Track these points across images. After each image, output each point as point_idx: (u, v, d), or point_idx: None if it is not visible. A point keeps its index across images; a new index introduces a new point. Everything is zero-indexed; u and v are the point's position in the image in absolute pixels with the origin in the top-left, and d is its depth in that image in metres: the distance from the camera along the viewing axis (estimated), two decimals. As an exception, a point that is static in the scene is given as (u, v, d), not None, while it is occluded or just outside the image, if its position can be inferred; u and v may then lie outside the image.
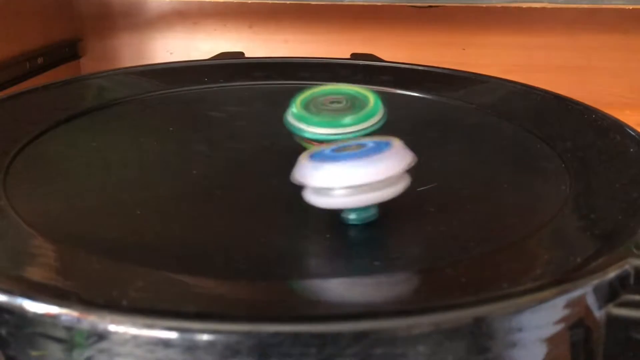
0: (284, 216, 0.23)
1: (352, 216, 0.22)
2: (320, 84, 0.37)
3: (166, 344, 0.15)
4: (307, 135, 0.24)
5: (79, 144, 0.29)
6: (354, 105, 0.25)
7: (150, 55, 0.61)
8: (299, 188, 0.23)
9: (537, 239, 0.21)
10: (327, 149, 0.22)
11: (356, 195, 0.20)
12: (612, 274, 0.18)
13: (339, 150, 0.21)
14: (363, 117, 0.24)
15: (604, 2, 0.45)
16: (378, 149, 0.21)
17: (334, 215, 0.23)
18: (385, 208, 0.23)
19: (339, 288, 0.18)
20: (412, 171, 0.21)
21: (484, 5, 0.47)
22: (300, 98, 0.26)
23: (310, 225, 0.23)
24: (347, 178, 0.20)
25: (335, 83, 0.27)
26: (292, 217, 0.23)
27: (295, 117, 0.25)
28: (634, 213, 0.22)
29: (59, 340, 0.16)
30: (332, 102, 0.25)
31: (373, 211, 0.22)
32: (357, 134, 0.24)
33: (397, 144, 0.21)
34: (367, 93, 0.26)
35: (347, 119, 0.24)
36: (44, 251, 0.19)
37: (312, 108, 0.25)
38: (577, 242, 0.21)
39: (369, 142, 0.22)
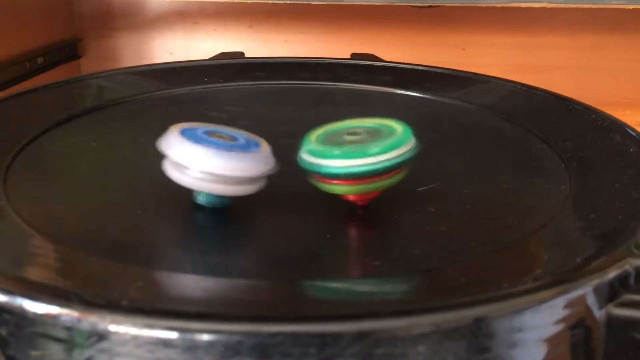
0: (284, 216, 0.23)
1: (200, 198, 0.22)
2: (320, 84, 0.36)
3: (166, 344, 0.15)
4: (329, 170, 0.21)
5: (79, 144, 0.29)
6: (378, 135, 0.22)
7: (150, 55, 0.61)
8: (298, 188, 0.23)
9: (537, 239, 0.21)
10: (200, 128, 0.22)
11: (208, 182, 0.21)
12: (612, 274, 0.18)
13: (210, 134, 0.21)
14: (391, 145, 0.21)
15: (604, 2, 0.45)
16: (246, 147, 0.21)
17: (335, 216, 0.23)
18: (385, 208, 0.24)
19: (339, 288, 0.18)
20: (274, 176, 0.22)
21: (484, 5, 0.47)
22: (314, 135, 0.22)
23: (311, 225, 0.23)
24: (203, 164, 0.20)
25: (354, 118, 0.23)
26: (292, 217, 0.23)
27: (312, 154, 0.21)
28: (634, 213, 0.22)
29: (59, 340, 0.16)
30: (350, 135, 0.22)
31: (222, 200, 0.22)
32: (387, 163, 0.21)
33: (264, 148, 0.22)
34: (393, 123, 0.22)
35: (374, 148, 0.21)
36: (44, 251, 0.19)
37: (330, 143, 0.22)
38: (577, 242, 0.21)
39: (241, 137, 0.22)
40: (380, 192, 0.22)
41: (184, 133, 0.21)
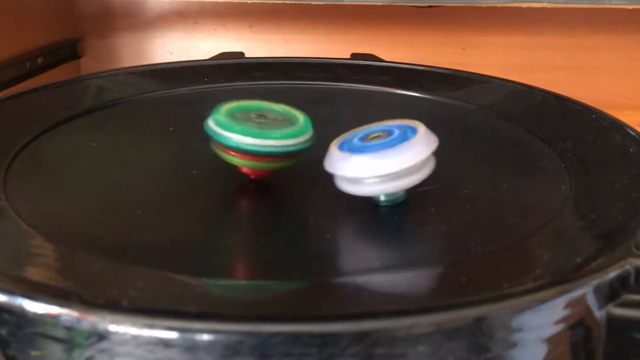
0: (284, 216, 0.23)
1: (382, 199, 0.23)
2: (320, 84, 0.36)
3: (166, 344, 0.15)
4: (228, 142, 0.23)
5: (79, 144, 0.29)
6: (282, 121, 0.24)
7: (150, 55, 0.61)
8: (297, 187, 0.23)
9: (537, 239, 0.21)
10: (354, 137, 0.23)
11: (385, 183, 0.22)
12: (612, 274, 0.18)
13: (366, 139, 0.22)
14: (290, 134, 0.23)
15: (604, 2, 0.45)
16: (404, 137, 0.22)
17: (335, 216, 0.23)
18: (385, 208, 0.23)
19: (339, 288, 0.18)
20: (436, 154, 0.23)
21: (484, 5, 0.47)
22: (225, 107, 0.24)
23: (311, 225, 0.23)
24: (375, 168, 0.21)
25: (263, 101, 0.26)
26: (292, 217, 0.23)
27: (218, 124, 0.23)
28: (634, 213, 0.22)
29: (59, 340, 0.16)
30: (259, 117, 0.24)
31: (402, 193, 0.23)
32: (282, 149, 0.23)
33: (422, 129, 0.22)
34: (297, 113, 0.25)
35: (275, 133, 0.23)
36: (44, 251, 0.19)
37: (237, 118, 0.24)
38: (577, 242, 0.21)
39: (395, 128, 0.23)
40: (273, 171, 0.24)
41: (342, 148, 0.22)
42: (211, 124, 0.24)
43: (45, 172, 0.26)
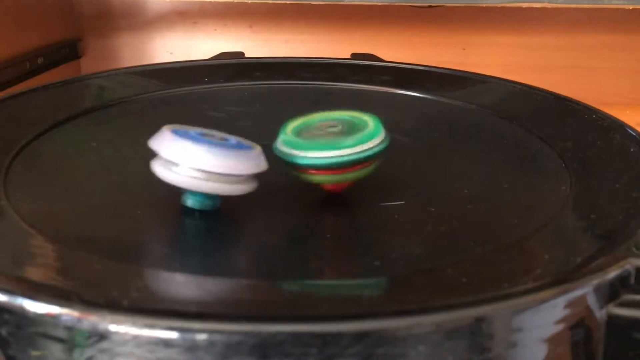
0: (284, 216, 0.23)
1: (189, 201, 0.22)
2: (320, 84, 0.36)
3: (167, 343, 0.15)
4: (302, 161, 0.22)
5: (79, 144, 0.29)
6: (352, 128, 0.23)
7: (150, 55, 0.61)
8: (295, 187, 0.23)
9: (537, 239, 0.21)
10: (193, 130, 0.22)
11: (199, 180, 0.20)
12: (612, 273, 0.18)
13: (203, 135, 0.21)
14: (363, 139, 0.22)
15: (604, 2, 0.45)
16: (237, 147, 0.21)
17: (335, 217, 0.23)
18: (385, 208, 0.24)
19: (339, 288, 0.18)
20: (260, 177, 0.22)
21: (484, 5, 0.47)
22: (291, 126, 0.24)
23: (311, 225, 0.23)
24: (195, 161, 0.20)
25: (328, 111, 0.24)
26: (291, 217, 0.23)
27: (287, 145, 0.23)
28: (634, 213, 0.22)
29: (59, 340, 0.16)
30: (328, 127, 0.23)
31: (212, 202, 0.22)
32: (358, 155, 0.22)
33: (257, 150, 0.22)
34: (365, 117, 0.24)
35: (347, 141, 0.22)
36: (44, 251, 0.19)
37: (305, 135, 0.23)
38: (577, 242, 0.21)
39: (233, 139, 0.22)
40: (355, 182, 0.23)
41: (175, 132, 0.21)
42: (280, 146, 0.23)
43: (45, 172, 0.26)
